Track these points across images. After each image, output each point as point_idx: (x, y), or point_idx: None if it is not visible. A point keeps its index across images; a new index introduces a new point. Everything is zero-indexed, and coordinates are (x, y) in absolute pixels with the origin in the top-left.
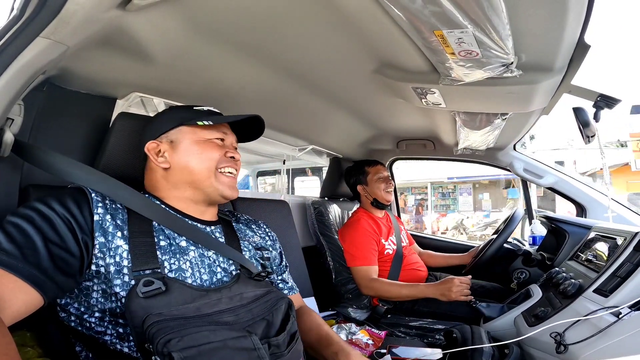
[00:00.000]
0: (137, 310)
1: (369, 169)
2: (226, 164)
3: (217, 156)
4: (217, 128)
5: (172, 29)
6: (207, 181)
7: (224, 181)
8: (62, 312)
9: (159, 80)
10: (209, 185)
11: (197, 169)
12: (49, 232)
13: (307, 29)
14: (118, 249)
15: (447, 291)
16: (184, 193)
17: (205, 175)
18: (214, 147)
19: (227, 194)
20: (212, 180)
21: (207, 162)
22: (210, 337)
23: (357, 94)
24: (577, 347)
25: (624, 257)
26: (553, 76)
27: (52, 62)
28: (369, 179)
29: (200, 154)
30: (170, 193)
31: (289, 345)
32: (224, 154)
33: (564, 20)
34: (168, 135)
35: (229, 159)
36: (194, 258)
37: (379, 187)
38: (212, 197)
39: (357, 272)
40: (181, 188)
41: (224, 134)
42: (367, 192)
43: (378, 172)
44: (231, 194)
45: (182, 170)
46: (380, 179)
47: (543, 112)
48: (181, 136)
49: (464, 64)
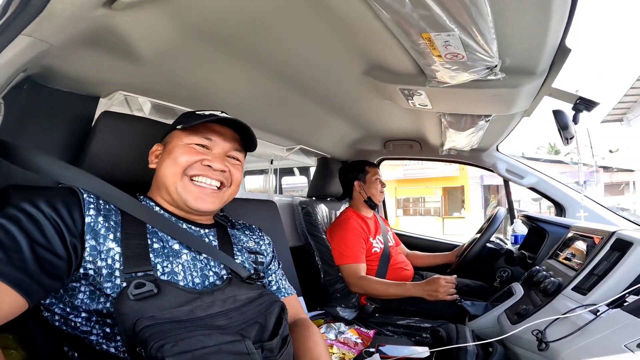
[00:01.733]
0: (128, 312)
1: (370, 168)
2: (198, 172)
3: (185, 161)
4: (198, 133)
5: (159, 28)
6: (172, 187)
7: (190, 190)
8: (45, 312)
9: (145, 79)
10: (174, 191)
11: (164, 173)
12: (36, 234)
13: (297, 31)
14: (110, 252)
15: (434, 291)
16: (164, 196)
17: (170, 180)
18: (186, 152)
19: (190, 204)
20: (177, 186)
21: (173, 167)
22: (204, 342)
23: (346, 95)
24: (557, 345)
25: (601, 256)
26: (535, 79)
27: (34, 60)
28: (368, 178)
29: (170, 158)
30: (158, 195)
31: (281, 349)
32: (199, 160)
33: (547, 24)
34: (165, 139)
35: (204, 167)
36: (187, 261)
37: (376, 188)
38: (180, 206)
39: (345, 270)
40: (161, 190)
41: (209, 140)
42: (363, 190)
43: (377, 174)
44: (196, 206)
45: (159, 173)
46: (378, 180)
47: (525, 114)
48: (170, 139)
49: (450, 66)
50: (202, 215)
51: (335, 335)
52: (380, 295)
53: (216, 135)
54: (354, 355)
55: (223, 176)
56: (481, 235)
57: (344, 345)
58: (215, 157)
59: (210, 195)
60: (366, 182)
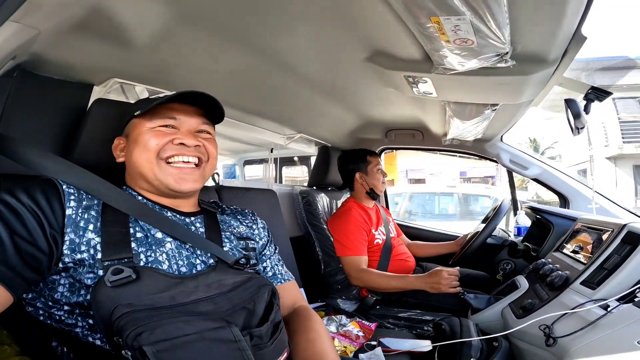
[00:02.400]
0: (104, 300)
1: (371, 158)
2: (172, 152)
3: (155, 144)
4: (160, 115)
5: (151, 13)
6: (150, 173)
7: (170, 172)
8: (28, 307)
9: (139, 66)
10: (153, 177)
11: (138, 162)
12: (17, 226)
13: (296, 15)
14: (90, 242)
15: (436, 284)
16: (143, 185)
17: (147, 168)
18: (154, 136)
19: (172, 186)
20: (156, 171)
21: (145, 152)
22: (185, 329)
23: (347, 83)
24: (566, 340)
25: (612, 249)
26: (546, 67)
27: (22, 46)
28: (370, 169)
29: (139, 146)
30: (136, 185)
31: (272, 336)
32: (170, 140)
33: (563, 9)
34: (125, 130)
35: (177, 145)
36: (171, 250)
37: (378, 178)
38: (162, 191)
39: (346, 262)
40: (138, 181)
41: (173, 120)
42: (364, 181)
43: (378, 164)
44: (179, 187)
45: (131, 165)
46: (379, 170)
47: (532, 104)
48: (131, 130)
49: (459, 52)
50: (185, 197)
51: (337, 328)
52: (382, 289)
53: (179, 114)
54: (356, 348)
55: (199, 151)
56: (485, 226)
57: (346, 338)
58: (185, 135)
59: (190, 173)
60: (368, 173)
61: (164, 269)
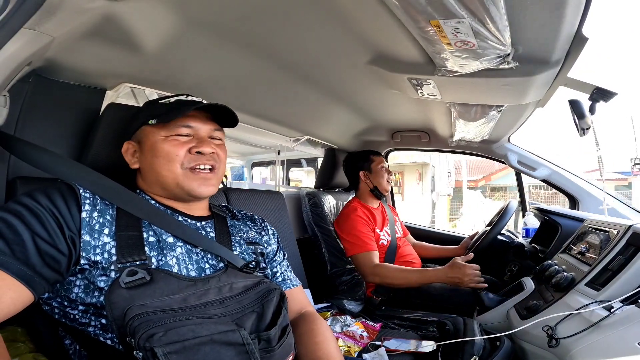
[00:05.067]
0: (119, 301)
1: (374, 157)
2: (195, 163)
3: (176, 157)
4: (174, 123)
5: (160, 18)
6: (173, 182)
7: (193, 179)
8: (45, 306)
9: (149, 70)
10: (174, 186)
11: (159, 171)
12: (38, 227)
13: (301, 19)
14: (106, 246)
15: (460, 278)
16: (158, 191)
17: (169, 177)
18: (174, 146)
19: (195, 192)
20: (179, 180)
21: (167, 164)
22: (196, 331)
23: (352, 85)
24: (568, 341)
25: (617, 251)
26: (549, 68)
27: (37, 53)
28: (374, 167)
29: (159, 157)
30: (151, 190)
31: (280, 340)
32: (188, 150)
33: (562, 11)
34: (136, 136)
35: (196, 155)
36: (181, 254)
37: (382, 176)
38: (181, 197)
39: (358, 260)
40: (154, 187)
41: (189, 128)
42: (369, 180)
43: (382, 162)
44: (200, 192)
45: (149, 172)
46: (384, 169)
47: (538, 105)
48: (144, 136)
49: (460, 54)
50: (199, 201)
51: (341, 328)
52: (400, 284)
53: (194, 121)
54: (360, 348)
55: (213, 158)
56: (491, 228)
57: (350, 338)
58: (200, 142)
59: (210, 178)
60: (372, 172)
61: (175, 272)
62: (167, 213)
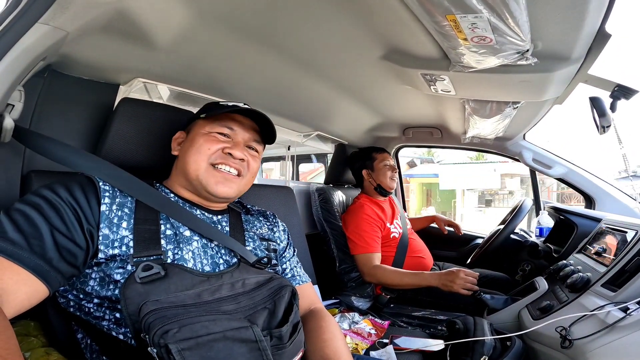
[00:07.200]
0: (134, 296)
1: (377, 155)
2: (220, 161)
3: (207, 149)
4: (220, 122)
5: (174, 14)
6: (194, 174)
7: (213, 175)
8: (60, 298)
9: (162, 66)
10: (194, 177)
11: (189, 161)
12: (56, 221)
13: (314, 13)
14: (124, 239)
15: (450, 282)
16: (182, 182)
17: (192, 168)
18: (209, 141)
19: (211, 189)
20: (199, 173)
21: (196, 155)
22: (209, 328)
23: (363, 80)
24: (582, 343)
25: (635, 251)
26: (569, 65)
27: (51, 48)
28: (376, 165)
29: (194, 146)
30: (177, 181)
31: (291, 336)
32: (221, 148)
33: (585, 7)
34: (189, 127)
35: (225, 155)
36: (197, 248)
37: (385, 174)
38: (200, 192)
39: (359, 260)
40: (180, 177)
41: (230, 129)
42: (372, 178)
43: (385, 160)
44: (216, 190)
45: (181, 160)
46: (386, 166)
47: (556, 102)
48: (192, 128)
49: (477, 50)
50: (218, 202)
51: (349, 325)
52: (395, 285)
53: (237, 125)
54: (367, 345)
55: (241, 165)
56: (505, 226)
57: (357, 335)
58: (235, 145)
59: (230, 180)
60: (374, 170)
61: (189, 267)
62: (185, 207)
